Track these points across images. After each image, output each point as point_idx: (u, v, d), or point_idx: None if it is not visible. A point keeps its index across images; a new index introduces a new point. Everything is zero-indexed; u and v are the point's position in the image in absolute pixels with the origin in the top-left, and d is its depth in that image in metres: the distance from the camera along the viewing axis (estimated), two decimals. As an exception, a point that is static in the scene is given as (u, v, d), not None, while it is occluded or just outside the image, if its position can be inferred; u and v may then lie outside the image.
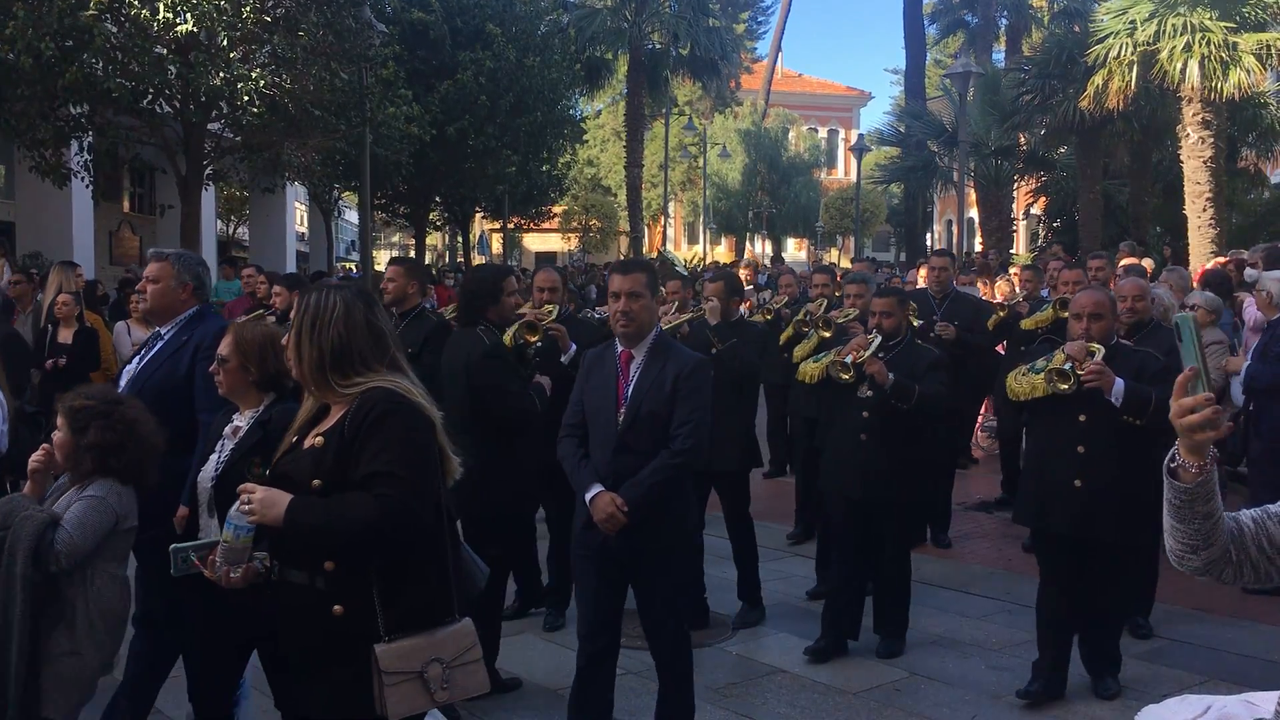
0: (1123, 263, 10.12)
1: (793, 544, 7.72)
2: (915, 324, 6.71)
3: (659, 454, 4.00)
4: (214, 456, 3.64)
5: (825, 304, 7.82)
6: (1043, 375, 4.76)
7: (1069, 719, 4.79)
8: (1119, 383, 4.61)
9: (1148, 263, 12.20)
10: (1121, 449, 4.70)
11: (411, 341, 5.54)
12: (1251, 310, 8.02)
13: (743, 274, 13.57)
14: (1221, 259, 11.80)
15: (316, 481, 2.75)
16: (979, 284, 10.58)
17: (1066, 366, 4.67)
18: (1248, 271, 9.67)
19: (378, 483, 2.69)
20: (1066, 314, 7.18)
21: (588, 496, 4.04)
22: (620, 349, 4.17)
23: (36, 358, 8.80)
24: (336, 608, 2.72)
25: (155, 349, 4.38)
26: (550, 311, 5.75)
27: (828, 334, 6.63)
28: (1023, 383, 4.88)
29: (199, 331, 4.31)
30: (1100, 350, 4.68)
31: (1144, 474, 4.19)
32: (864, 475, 5.44)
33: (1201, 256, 15.42)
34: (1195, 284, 9.05)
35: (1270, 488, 6.59)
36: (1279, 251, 8.88)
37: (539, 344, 5.53)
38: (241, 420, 3.66)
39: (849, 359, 5.31)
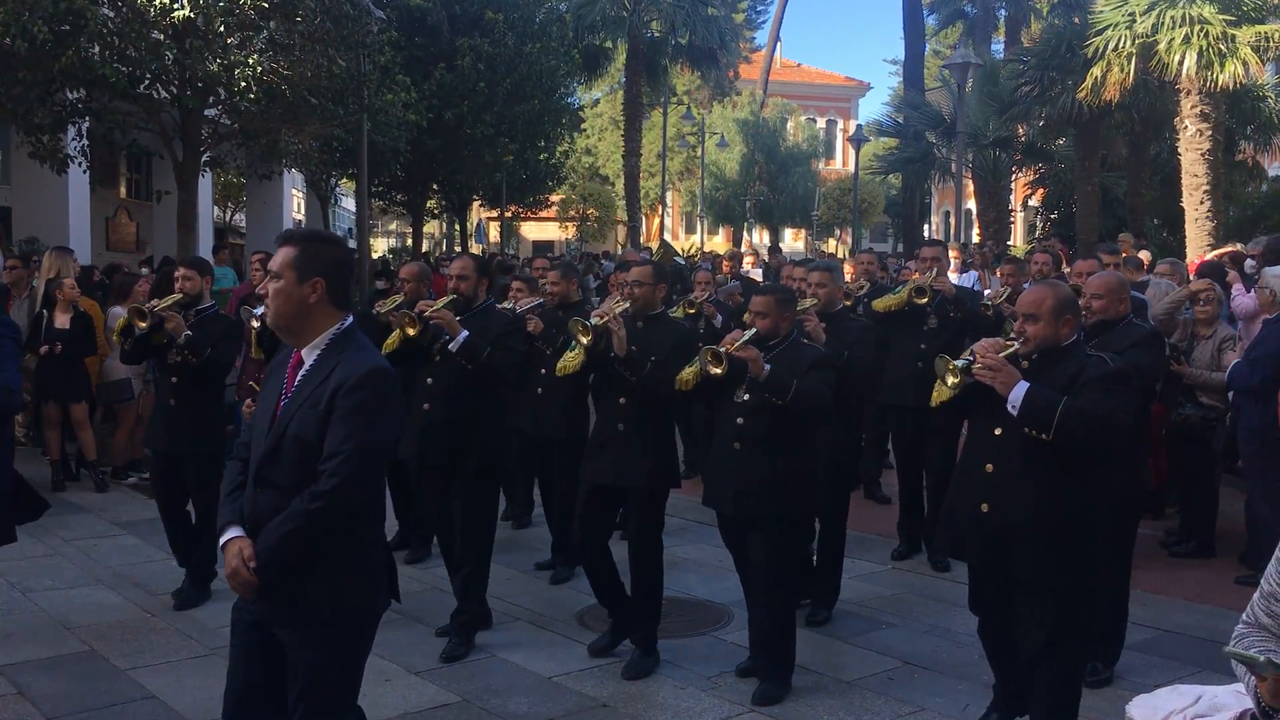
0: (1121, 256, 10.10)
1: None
2: (848, 304, 6.82)
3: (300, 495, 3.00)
4: None
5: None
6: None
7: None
8: (1021, 387, 3.81)
9: (1145, 254, 12.20)
10: (1037, 471, 3.89)
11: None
12: (1241, 299, 8.04)
13: (725, 265, 13.56)
14: (1218, 251, 11.80)
15: None
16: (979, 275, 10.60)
17: (959, 363, 3.97)
18: (1247, 264, 9.67)
19: None
20: (921, 300, 6.93)
21: (220, 541, 3.12)
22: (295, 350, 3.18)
23: (32, 343, 8.80)
24: None
25: None
26: (438, 302, 5.50)
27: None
28: (941, 387, 4.17)
29: None
30: (1012, 347, 3.97)
31: (1067, 504, 3.88)
32: (736, 488, 4.89)
33: (1199, 249, 15.43)
34: (1192, 276, 9.05)
35: (1260, 486, 6.63)
36: (1277, 244, 8.86)
37: (417, 334, 5.40)
38: None
39: (722, 349, 4.77)
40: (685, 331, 5.44)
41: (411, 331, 5.39)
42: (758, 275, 13.97)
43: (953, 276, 9.52)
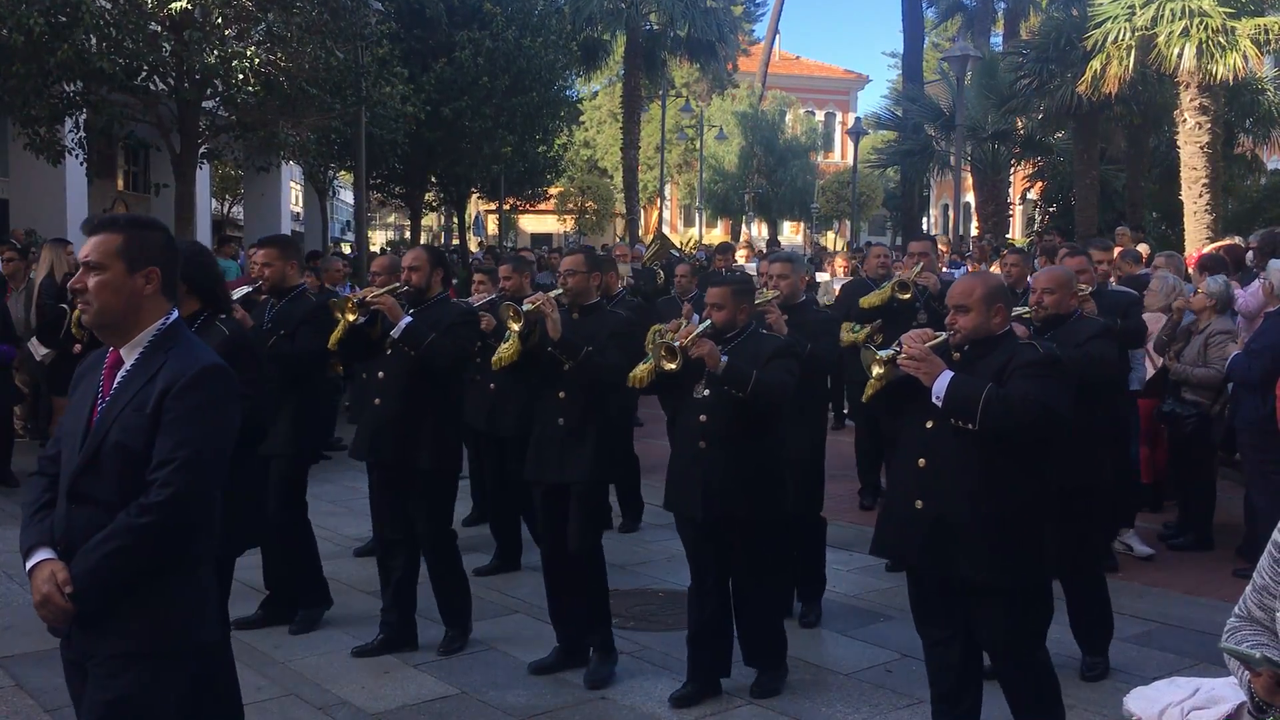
0: (1117, 250, 10.08)
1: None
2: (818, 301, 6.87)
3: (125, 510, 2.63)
4: None
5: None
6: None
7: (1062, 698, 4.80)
8: (945, 376, 3.70)
9: (1143, 248, 12.19)
10: (970, 465, 3.75)
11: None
12: (1245, 299, 8.02)
13: (719, 260, 13.47)
14: (1217, 244, 11.79)
15: None
16: (971, 269, 10.58)
17: (885, 353, 3.86)
18: (1247, 257, 9.66)
19: None
20: (904, 295, 6.93)
21: (26, 566, 2.70)
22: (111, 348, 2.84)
23: (46, 336, 8.91)
24: None
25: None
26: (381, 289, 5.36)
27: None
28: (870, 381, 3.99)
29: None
30: (939, 337, 3.86)
31: (1005, 499, 3.74)
32: (704, 490, 4.63)
33: (1197, 242, 15.42)
34: (1191, 269, 9.05)
35: (1258, 479, 6.64)
36: (1274, 237, 8.86)
37: (360, 320, 5.19)
38: None
39: (677, 343, 4.44)
40: (623, 321, 5.18)
41: (351, 317, 5.16)
42: (752, 269, 13.94)
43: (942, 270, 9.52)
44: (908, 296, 6.97)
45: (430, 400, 5.24)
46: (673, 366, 4.47)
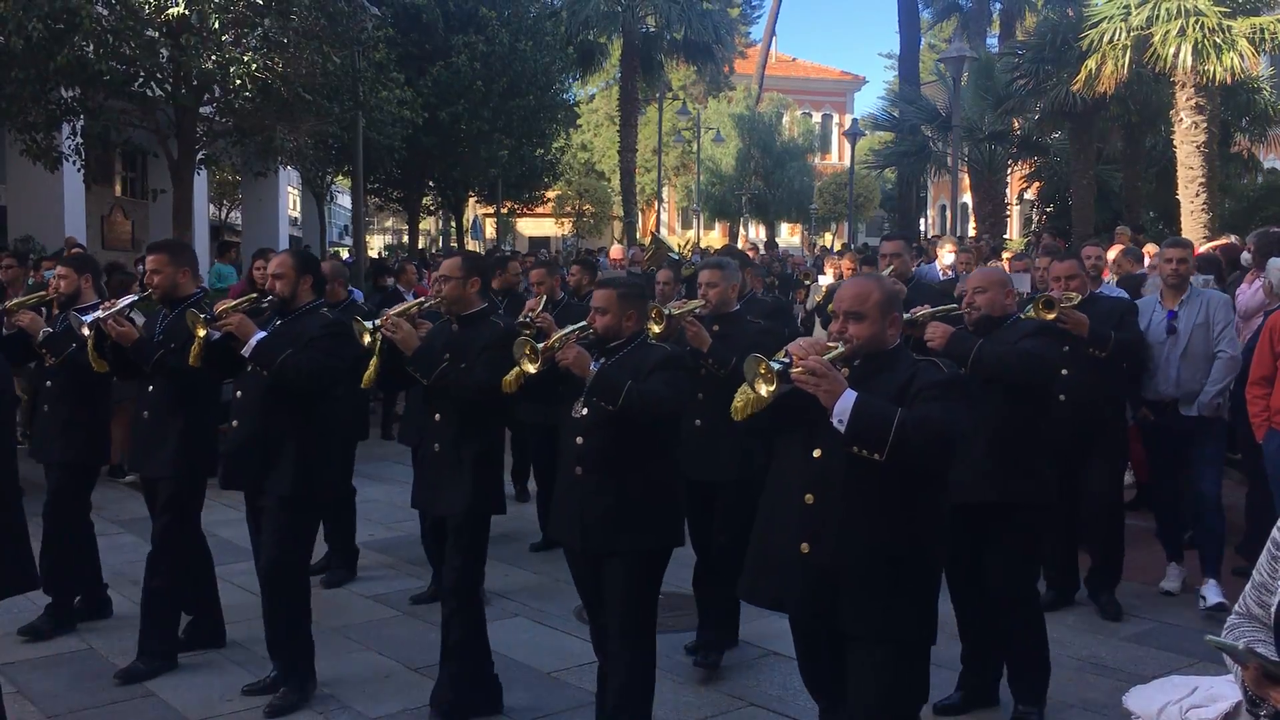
0: (1114, 249, 10.08)
1: None
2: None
3: None
4: None
5: (544, 300, 6.66)
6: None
7: (1059, 697, 4.82)
8: (848, 396, 3.07)
9: (1151, 247, 12.15)
10: (867, 501, 3.19)
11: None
12: (1244, 298, 8.02)
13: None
14: (1213, 244, 11.80)
15: None
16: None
17: (775, 365, 3.15)
18: (1244, 257, 9.66)
19: None
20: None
21: None
22: None
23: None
24: None
25: None
26: (232, 302, 4.92)
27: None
28: (742, 394, 3.30)
29: None
30: (836, 349, 3.27)
31: (902, 539, 3.21)
32: (582, 519, 4.08)
33: (1194, 241, 15.44)
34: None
35: (1258, 476, 6.64)
36: (1270, 236, 8.86)
37: (215, 336, 4.78)
38: None
39: (541, 344, 4.00)
40: (500, 333, 4.54)
41: (201, 332, 4.71)
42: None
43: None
44: None
45: (291, 422, 4.72)
46: (531, 369, 3.98)
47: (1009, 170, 26.31)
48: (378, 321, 4.48)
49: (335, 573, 6.67)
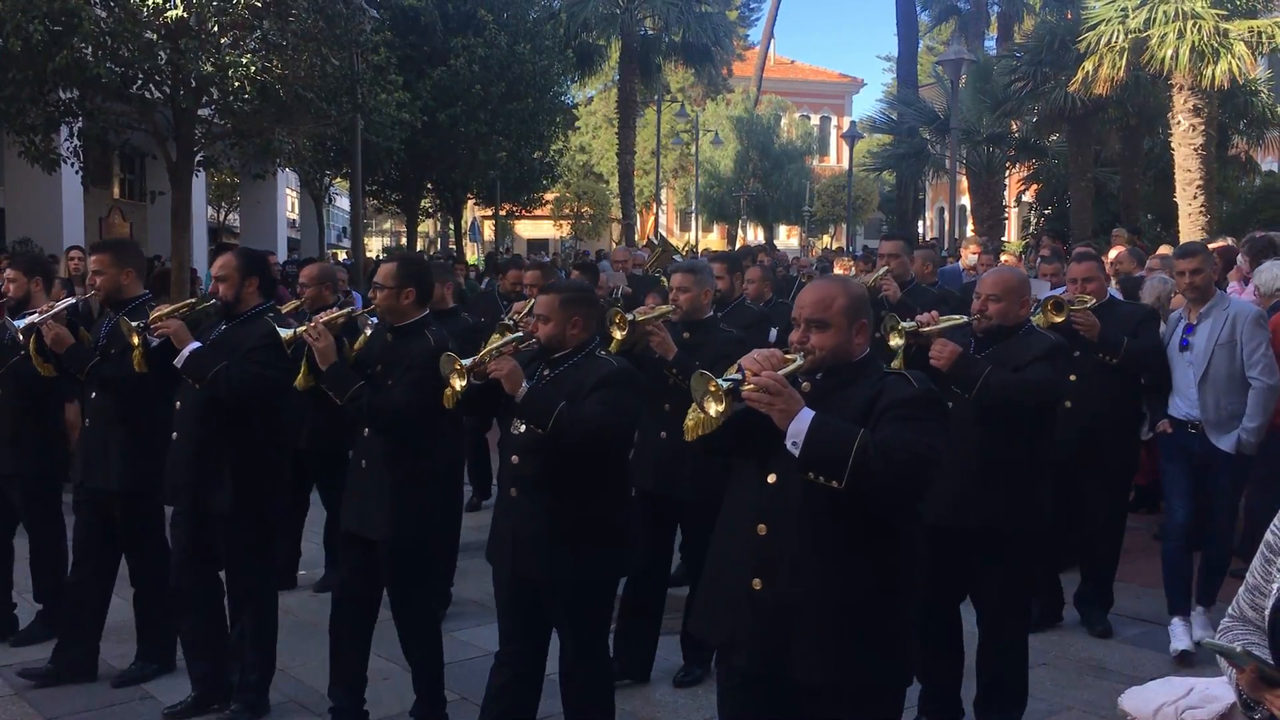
0: (1113, 252, 10.10)
1: None
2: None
3: None
4: None
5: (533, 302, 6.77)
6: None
7: (1060, 699, 4.83)
8: (804, 415, 2.73)
9: (1165, 249, 12.13)
10: (825, 532, 2.86)
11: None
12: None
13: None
14: (1211, 246, 11.81)
15: None
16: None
17: (724, 382, 2.82)
18: (1240, 260, 9.66)
19: None
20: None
21: None
22: None
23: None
24: None
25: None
26: (168, 308, 4.71)
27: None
28: (692, 414, 3.00)
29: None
30: (795, 362, 2.91)
31: (866, 576, 2.87)
32: (514, 544, 3.83)
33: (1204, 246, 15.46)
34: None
35: (1258, 480, 6.64)
36: (1260, 242, 8.86)
37: (153, 343, 4.60)
38: None
39: (467, 361, 3.73)
40: (426, 351, 4.20)
41: (135, 340, 4.51)
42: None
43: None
44: None
45: (230, 434, 4.52)
46: (459, 385, 3.69)
47: (1007, 172, 26.34)
48: (300, 328, 4.37)
49: (329, 575, 6.63)
